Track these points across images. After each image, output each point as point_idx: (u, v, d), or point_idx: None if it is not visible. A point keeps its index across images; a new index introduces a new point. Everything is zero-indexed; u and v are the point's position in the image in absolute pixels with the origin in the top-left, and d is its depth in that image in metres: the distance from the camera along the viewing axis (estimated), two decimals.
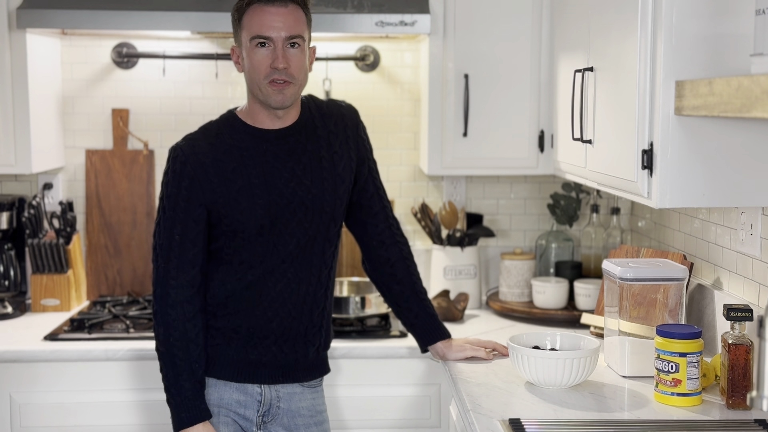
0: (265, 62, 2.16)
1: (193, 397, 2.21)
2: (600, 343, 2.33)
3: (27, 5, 2.91)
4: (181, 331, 2.20)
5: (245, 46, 2.18)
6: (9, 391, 2.76)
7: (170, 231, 2.20)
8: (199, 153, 2.21)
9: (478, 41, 3.05)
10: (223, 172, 2.21)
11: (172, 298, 2.20)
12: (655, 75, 2.05)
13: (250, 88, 2.22)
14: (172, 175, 2.21)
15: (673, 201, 2.06)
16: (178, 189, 2.20)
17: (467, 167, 3.14)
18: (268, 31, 2.15)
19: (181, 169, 2.20)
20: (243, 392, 2.28)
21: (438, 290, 3.23)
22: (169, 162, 2.24)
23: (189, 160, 2.21)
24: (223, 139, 2.23)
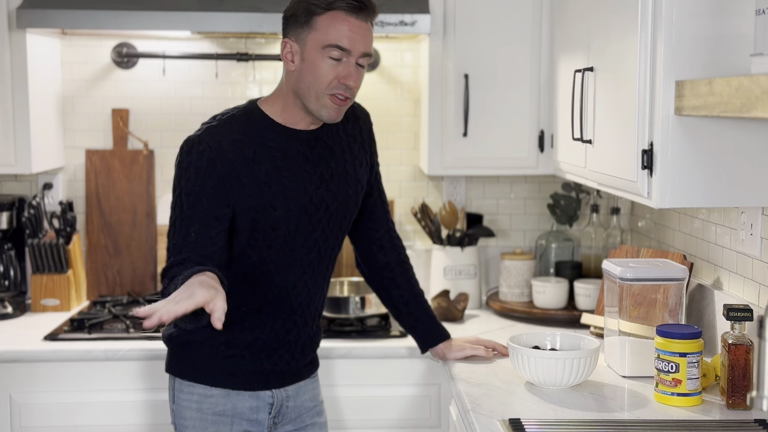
0: (333, 74, 2.04)
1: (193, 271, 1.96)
2: (600, 343, 2.33)
3: (27, 5, 2.91)
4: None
5: (312, 48, 2.03)
6: (9, 391, 2.76)
7: (186, 229, 2.04)
8: (228, 150, 2.05)
9: (478, 41, 3.05)
10: (256, 174, 2.07)
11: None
12: (655, 75, 2.05)
13: (299, 90, 2.08)
14: (195, 172, 2.04)
15: (673, 201, 2.06)
16: (202, 187, 2.03)
17: (467, 167, 3.14)
18: (349, 44, 2.03)
19: (208, 167, 2.04)
20: (255, 398, 2.22)
21: (438, 290, 3.23)
22: (190, 156, 2.05)
23: (218, 158, 2.04)
24: (252, 137, 2.09)
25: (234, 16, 2.92)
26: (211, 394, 2.19)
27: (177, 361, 2.24)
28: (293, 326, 2.22)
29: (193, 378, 2.20)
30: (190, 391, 2.20)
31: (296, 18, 2.06)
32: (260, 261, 2.14)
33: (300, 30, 2.05)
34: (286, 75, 2.11)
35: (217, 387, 2.19)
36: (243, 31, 2.97)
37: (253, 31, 2.96)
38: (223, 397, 2.19)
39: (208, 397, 2.20)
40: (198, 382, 2.20)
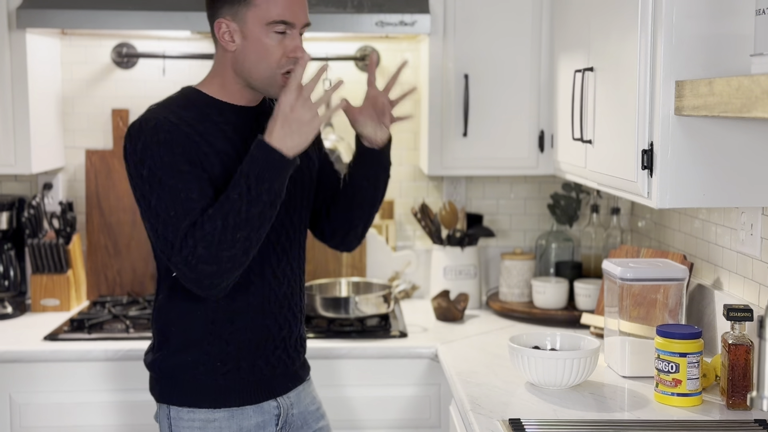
0: (281, 49, 1.96)
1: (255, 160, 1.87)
2: (600, 343, 2.33)
3: (27, 5, 2.91)
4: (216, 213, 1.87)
5: (254, 26, 1.95)
6: (9, 391, 2.76)
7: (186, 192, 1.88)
8: (179, 124, 1.93)
9: (478, 41, 3.05)
10: (214, 145, 1.95)
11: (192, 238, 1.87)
12: (655, 75, 2.05)
13: (244, 69, 1.99)
14: (158, 147, 1.89)
15: (673, 201, 2.06)
16: (173, 155, 1.89)
17: (467, 167, 3.14)
18: (292, 17, 1.95)
19: (168, 138, 1.90)
20: (260, 413, 2.07)
21: (438, 290, 3.23)
22: (144, 134, 1.91)
23: (173, 130, 1.91)
24: (198, 114, 1.98)
25: None
26: (215, 417, 2.03)
27: (170, 387, 2.06)
28: (285, 322, 2.10)
29: (193, 403, 2.03)
30: (191, 417, 2.04)
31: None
32: None
33: (236, 8, 1.95)
34: (224, 55, 2.02)
35: (221, 408, 2.04)
36: None
37: None
38: (228, 419, 2.04)
39: (211, 421, 2.04)
40: (199, 407, 2.03)
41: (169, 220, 1.88)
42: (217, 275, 1.88)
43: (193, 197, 1.89)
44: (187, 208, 1.88)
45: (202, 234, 1.86)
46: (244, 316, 2.04)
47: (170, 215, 1.88)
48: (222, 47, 2.01)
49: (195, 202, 1.89)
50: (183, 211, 1.88)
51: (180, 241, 1.87)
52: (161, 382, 2.08)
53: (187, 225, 1.87)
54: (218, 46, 2.03)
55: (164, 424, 2.09)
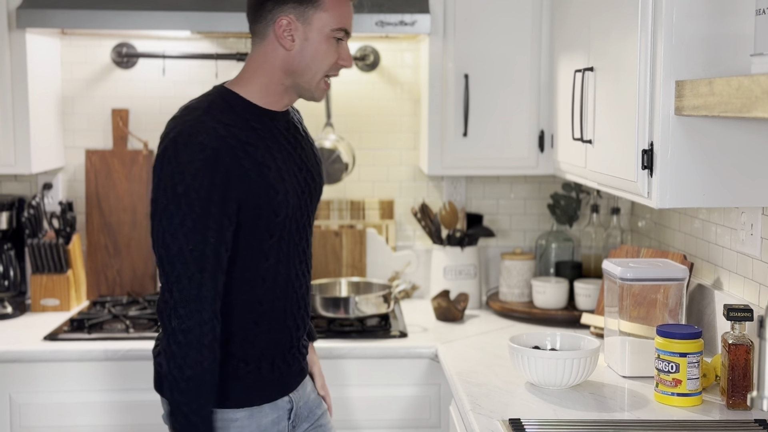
0: (336, 56, 2.00)
1: (209, 428, 1.95)
2: (600, 343, 2.33)
3: (27, 5, 2.91)
4: (213, 354, 1.91)
5: (319, 29, 1.97)
6: (9, 391, 2.76)
7: (204, 233, 1.87)
8: (226, 137, 1.91)
9: (478, 41, 3.05)
10: (254, 157, 1.94)
11: (207, 314, 1.89)
12: (655, 75, 2.05)
13: (296, 69, 2.00)
14: (203, 165, 1.87)
15: (673, 201, 2.06)
16: (212, 181, 1.87)
17: (467, 167, 3.14)
18: (350, 27, 2.01)
19: (215, 157, 1.88)
20: (275, 409, 2.07)
21: (438, 290, 3.23)
22: (190, 148, 1.89)
23: (221, 147, 1.89)
24: (239, 121, 1.97)
25: (234, 16, 2.92)
26: (236, 417, 2.02)
27: None
28: (301, 322, 2.12)
29: (216, 404, 1.99)
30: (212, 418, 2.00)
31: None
32: (264, 253, 2.01)
33: (303, 9, 1.96)
34: (274, 53, 2.00)
35: (243, 408, 2.02)
36: (243, 31, 2.95)
37: None
38: (248, 418, 2.03)
39: (233, 421, 2.02)
40: (221, 407, 2.00)
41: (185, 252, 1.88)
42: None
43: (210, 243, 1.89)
44: (201, 253, 1.89)
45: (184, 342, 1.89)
46: (270, 317, 2.05)
47: (188, 248, 1.88)
48: (275, 45, 2.00)
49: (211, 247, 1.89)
50: (200, 253, 1.88)
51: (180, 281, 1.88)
52: None
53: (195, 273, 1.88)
54: (267, 43, 2.01)
55: None
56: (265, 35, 2.00)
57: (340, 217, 3.46)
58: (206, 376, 1.91)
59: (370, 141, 3.46)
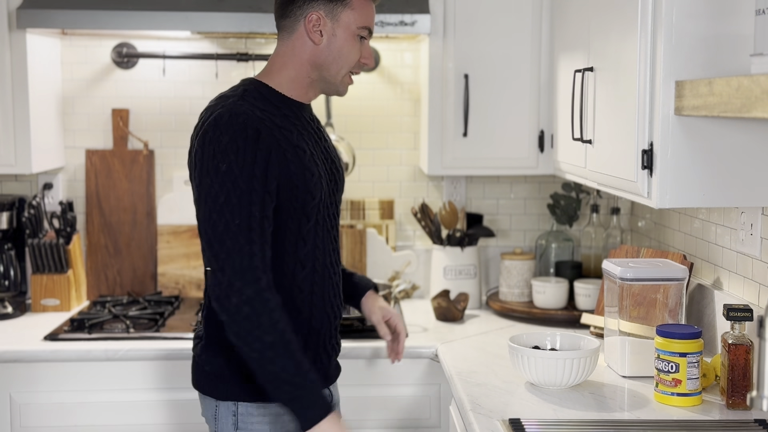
0: (359, 53, 2.08)
1: (318, 385, 1.94)
2: (600, 343, 2.33)
3: (27, 5, 2.91)
4: (283, 316, 1.92)
5: (347, 27, 2.05)
6: (9, 391, 2.76)
7: (248, 208, 1.91)
8: (263, 119, 1.98)
9: (478, 41, 3.05)
10: (290, 139, 2.00)
11: (264, 282, 1.91)
12: (655, 75, 2.05)
13: (323, 64, 2.07)
14: (244, 143, 1.92)
15: (673, 201, 2.06)
16: (254, 159, 1.92)
17: (467, 167, 3.14)
18: (372, 27, 2.10)
19: (255, 136, 1.93)
20: None
21: (438, 290, 3.23)
22: (233, 129, 1.94)
23: (261, 127, 1.95)
24: (272, 107, 2.04)
25: (234, 16, 2.93)
26: (282, 412, 2.03)
27: (237, 384, 2.04)
28: (338, 310, 2.15)
29: (265, 398, 2.01)
30: (262, 413, 2.04)
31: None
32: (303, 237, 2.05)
33: (333, 6, 2.04)
34: (303, 48, 2.07)
35: None
36: (243, 31, 2.97)
37: (253, 31, 2.96)
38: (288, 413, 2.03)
39: (281, 415, 2.04)
40: (271, 401, 2.01)
41: (233, 226, 1.91)
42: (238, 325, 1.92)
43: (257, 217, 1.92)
44: (248, 226, 1.91)
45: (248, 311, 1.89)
46: (310, 304, 2.08)
47: (235, 223, 1.91)
48: (304, 39, 2.07)
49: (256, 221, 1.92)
50: (247, 226, 1.91)
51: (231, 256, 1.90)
52: (227, 379, 2.05)
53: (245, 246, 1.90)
54: (296, 38, 2.07)
55: (227, 421, 2.07)
56: (294, 29, 2.07)
57: (341, 217, 3.45)
58: (286, 336, 1.91)
59: (370, 141, 3.46)
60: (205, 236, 1.94)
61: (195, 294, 3.40)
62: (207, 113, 2.01)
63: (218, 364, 2.06)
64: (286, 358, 1.90)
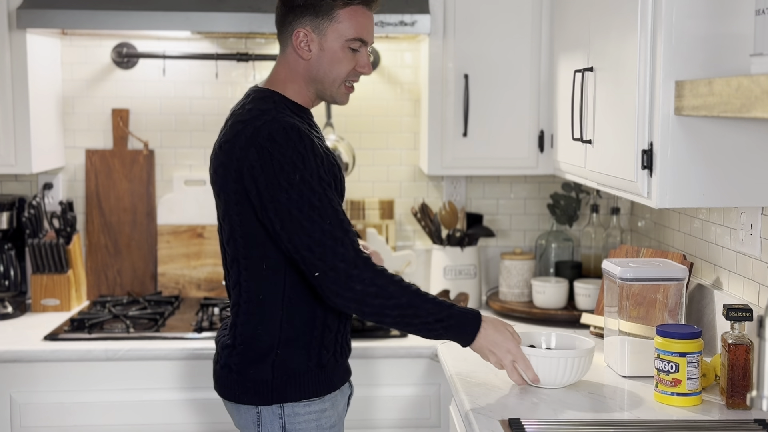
0: (352, 64, 2.12)
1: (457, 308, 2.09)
2: (595, 343, 2.33)
3: (27, 5, 2.91)
4: (396, 275, 2.05)
5: (334, 40, 2.09)
6: (9, 391, 2.76)
7: (330, 206, 2.00)
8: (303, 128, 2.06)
9: (478, 41, 3.05)
10: (321, 145, 2.10)
11: (371, 261, 2.02)
12: (655, 75, 2.05)
13: (316, 77, 2.12)
14: (305, 152, 2.00)
15: (673, 201, 2.06)
16: (316, 164, 2.02)
17: (467, 167, 3.14)
18: (367, 37, 2.13)
19: (311, 144, 2.02)
20: (342, 396, 2.21)
21: (438, 290, 3.23)
22: (294, 138, 2.00)
23: (309, 134, 2.05)
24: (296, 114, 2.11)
25: (234, 16, 2.93)
26: (325, 407, 2.12)
27: (281, 386, 2.08)
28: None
29: (311, 395, 2.09)
30: (308, 411, 2.10)
31: (314, 8, 2.08)
32: None
33: (319, 21, 2.08)
34: (296, 62, 2.12)
35: (328, 395, 2.13)
36: (243, 31, 2.97)
37: (253, 31, 2.96)
38: (332, 406, 2.14)
39: (323, 411, 2.12)
40: (314, 398, 2.10)
41: (329, 223, 1.99)
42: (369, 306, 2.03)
43: (339, 211, 2.02)
44: (339, 219, 2.00)
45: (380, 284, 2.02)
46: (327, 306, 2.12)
47: (327, 224, 1.99)
48: (295, 55, 2.13)
49: (343, 216, 2.02)
50: (337, 220, 2.00)
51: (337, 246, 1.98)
52: (272, 384, 2.07)
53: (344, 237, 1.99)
54: (288, 53, 2.14)
55: (273, 425, 2.08)
56: (287, 44, 2.14)
57: None
58: (412, 287, 2.05)
59: (370, 141, 3.46)
60: (304, 246, 1.98)
61: (195, 294, 3.40)
62: (246, 128, 2.02)
63: (262, 370, 2.08)
64: (424, 303, 2.04)
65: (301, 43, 2.10)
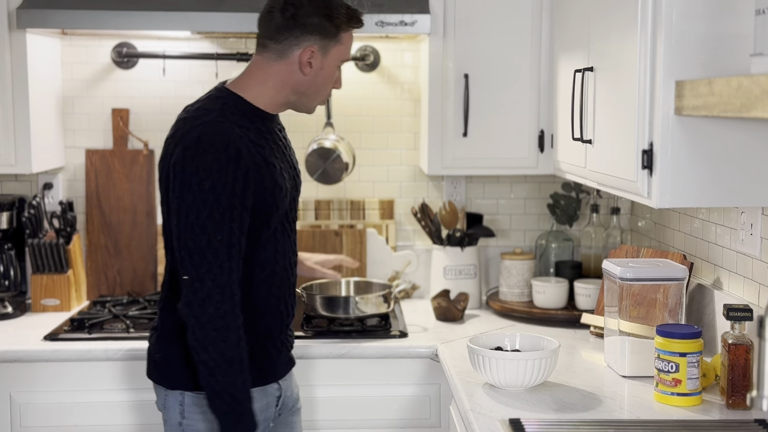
0: (333, 79, 2.21)
1: (251, 404, 2.06)
2: (559, 344, 2.32)
3: (27, 5, 2.91)
4: (244, 336, 2.04)
5: (334, 60, 2.17)
6: (9, 391, 2.76)
7: (230, 225, 2.00)
8: (241, 137, 2.05)
9: (478, 41, 3.05)
10: (264, 155, 2.10)
11: (237, 298, 2.03)
12: (655, 75, 2.05)
13: (306, 91, 2.17)
14: (227, 163, 2.00)
15: (673, 201, 2.06)
16: (235, 178, 2.01)
17: (467, 167, 3.14)
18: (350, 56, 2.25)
19: (237, 155, 2.02)
20: (264, 395, 2.18)
21: (438, 290, 3.23)
22: (216, 149, 2.01)
23: (242, 145, 2.04)
24: (248, 122, 2.11)
25: (234, 16, 2.93)
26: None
27: (185, 375, 2.12)
28: (291, 309, 2.26)
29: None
30: (205, 404, 2.08)
31: (323, 28, 2.13)
32: (263, 244, 2.15)
33: (326, 42, 2.14)
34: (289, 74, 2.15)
35: None
36: (243, 31, 2.97)
37: (253, 31, 2.94)
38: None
39: None
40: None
41: (214, 241, 2.00)
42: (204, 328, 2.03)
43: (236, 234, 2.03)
44: (229, 242, 2.01)
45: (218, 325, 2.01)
46: (266, 303, 2.18)
47: (217, 238, 2.00)
48: (294, 68, 2.15)
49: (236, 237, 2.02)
50: (228, 242, 2.01)
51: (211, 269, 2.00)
52: (175, 368, 2.14)
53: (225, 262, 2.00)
54: (285, 64, 2.15)
55: (175, 411, 2.15)
56: (285, 56, 2.15)
57: (340, 217, 3.46)
58: (243, 355, 2.04)
59: (370, 141, 3.46)
60: (186, 247, 2.02)
61: None
62: (186, 127, 2.08)
63: (169, 354, 2.16)
64: (238, 374, 2.02)
65: (307, 61, 2.14)
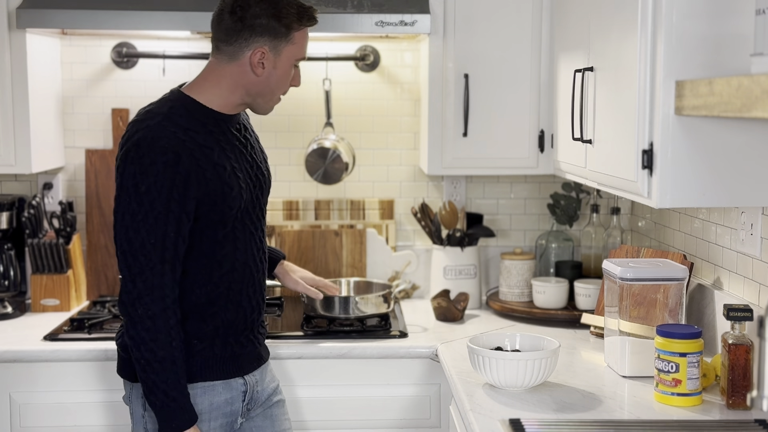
0: (290, 79, 2.22)
1: (187, 399, 2.12)
2: (559, 344, 2.32)
3: (27, 5, 2.91)
4: (179, 335, 2.10)
5: (287, 60, 2.18)
6: (9, 391, 2.76)
7: (164, 228, 2.05)
8: (185, 140, 2.09)
9: (478, 41, 3.05)
10: (211, 158, 2.12)
11: (170, 300, 2.08)
12: (655, 75, 2.05)
13: (260, 92, 2.19)
14: (164, 167, 2.04)
15: (673, 201, 2.06)
16: (172, 182, 2.05)
17: (467, 167, 3.14)
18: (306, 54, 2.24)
19: (176, 160, 2.05)
20: (229, 389, 2.23)
21: (438, 290, 3.23)
22: (153, 151, 2.05)
23: (181, 150, 2.07)
24: (198, 125, 2.14)
25: None
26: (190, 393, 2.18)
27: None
28: (257, 305, 2.29)
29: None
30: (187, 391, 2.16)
31: (272, 29, 2.15)
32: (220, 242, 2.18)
33: (277, 42, 2.16)
34: (241, 75, 2.17)
35: (196, 383, 2.18)
36: None
37: None
38: (201, 395, 2.19)
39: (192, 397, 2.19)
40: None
41: (147, 244, 2.06)
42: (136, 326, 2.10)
43: (170, 238, 2.07)
44: (162, 245, 2.06)
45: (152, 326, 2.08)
46: (226, 298, 2.22)
47: (150, 241, 2.06)
48: (245, 69, 2.17)
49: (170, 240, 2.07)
50: (161, 245, 2.06)
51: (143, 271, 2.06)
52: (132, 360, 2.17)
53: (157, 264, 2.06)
54: (237, 65, 2.17)
55: (138, 403, 2.23)
56: (236, 58, 2.17)
57: (340, 217, 3.46)
58: (176, 354, 2.09)
59: (370, 141, 3.46)
60: (121, 248, 2.09)
61: None
62: (132, 129, 2.12)
63: (123, 346, 2.21)
64: (170, 373, 2.08)
65: (258, 62, 2.16)
